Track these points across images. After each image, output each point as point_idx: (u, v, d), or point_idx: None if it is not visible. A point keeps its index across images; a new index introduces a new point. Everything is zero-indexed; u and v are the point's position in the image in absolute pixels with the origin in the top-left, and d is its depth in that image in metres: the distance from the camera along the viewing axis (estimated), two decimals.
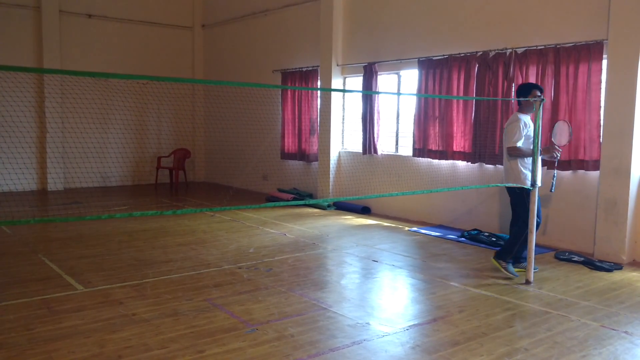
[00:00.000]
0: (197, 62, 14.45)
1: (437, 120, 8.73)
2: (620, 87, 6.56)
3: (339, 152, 10.65)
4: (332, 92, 10.57)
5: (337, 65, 10.42)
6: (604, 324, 4.59)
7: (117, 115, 12.80)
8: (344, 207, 10.22)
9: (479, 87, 8.10)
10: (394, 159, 9.61)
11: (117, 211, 9.55)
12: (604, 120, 6.75)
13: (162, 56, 13.84)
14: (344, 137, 10.73)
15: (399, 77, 9.64)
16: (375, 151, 9.78)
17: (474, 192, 8.33)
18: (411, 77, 9.43)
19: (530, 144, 5.83)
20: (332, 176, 10.56)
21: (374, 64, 9.65)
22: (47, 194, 11.74)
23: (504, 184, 6.01)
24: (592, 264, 6.43)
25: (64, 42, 12.42)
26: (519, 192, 5.88)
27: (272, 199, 11.10)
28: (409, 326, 4.48)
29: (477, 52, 8.12)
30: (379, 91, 9.79)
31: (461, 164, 8.56)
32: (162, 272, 5.92)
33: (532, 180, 5.73)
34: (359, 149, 10.21)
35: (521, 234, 5.87)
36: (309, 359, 3.83)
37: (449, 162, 8.67)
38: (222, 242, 7.49)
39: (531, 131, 5.87)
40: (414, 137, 9.09)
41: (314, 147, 11.04)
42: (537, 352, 3.98)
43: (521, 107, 5.96)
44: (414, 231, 8.36)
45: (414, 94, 9.16)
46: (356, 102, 10.34)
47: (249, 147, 12.43)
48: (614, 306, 5.04)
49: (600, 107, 6.84)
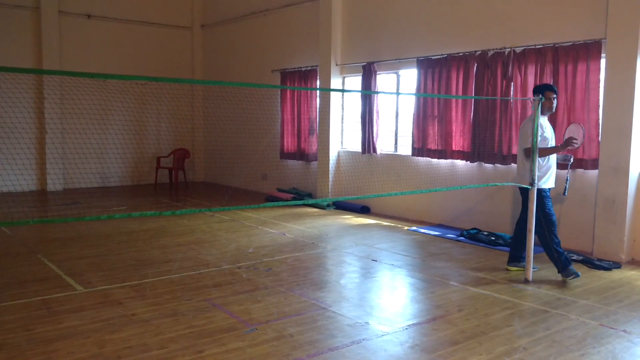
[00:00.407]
0: (196, 62, 14.45)
1: (436, 119, 8.73)
2: (618, 86, 6.57)
3: (338, 152, 10.66)
4: (331, 92, 10.57)
5: (336, 64, 10.43)
6: (603, 322, 4.60)
7: (116, 115, 12.81)
8: (343, 206, 10.23)
9: (478, 87, 8.11)
10: (393, 159, 9.62)
11: (117, 211, 9.55)
12: (602, 119, 6.76)
13: (162, 56, 13.84)
14: (343, 137, 10.74)
15: (398, 76, 9.64)
16: (374, 151, 9.79)
17: (473, 191, 8.34)
18: (410, 76, 9.44)
19: (546, 145, 5.81)
20: (331, 176, 10.57)
21: (373, 63, 9.66)
22: (46, 195, 11.75)
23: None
24: (591, 262, 6.45)
25: (63, 42, 12.43)
26: (540, 194, 5.82)
27: (271, 198, 11.11)
28: (408, 325, 4.49)
29: (476, 52, 8.13)
30: (378, 91, 9.80)
31: (460, 163, 8.56)
32: (161, 272, 5.93)
33: (530, 179, 5.74)
34: (358, 148, 10.21)
35: (545, 237, 5.80)
36: (308, 358, 3.84)
37: (448, 161, 8.68)
38: (221, 242, 7.49)
39: (548, 133, 5.85)
40: (413, 136, 9.10)
41: (313, 146, 11.05)
42: (536, 351, 3.99)
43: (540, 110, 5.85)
44: (413, 230, 8.37)
45: (413, 94, 9.17)
46: (355, 101, 10.34)
47: (249, 147, 12.44)
48: (612, 305, 5.05)
49: (598, 106, 6.85)
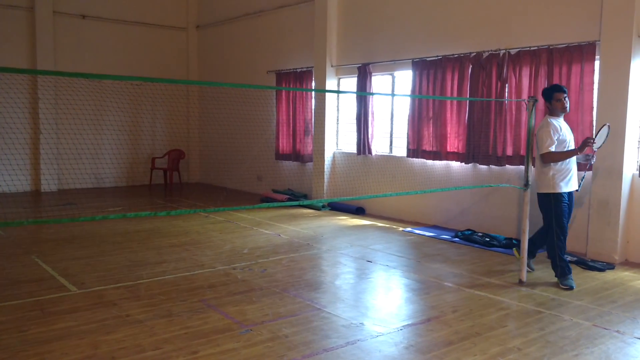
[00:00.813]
0: (191, 63, 14.43)
1: (431, 120, 8.75)
2: (612, 88, 6.61)
3: (334, 153, 10.66)
4: (327, 93, 10.58)
5: (332, 66, 10.44)
6: (596, 323, 4.62)
7: (111, 116, 12.78)
8: (338, 207, 10.23)
9: (473, 88, 8.13)
10: (388, 160, 9.63)
11: (111, 212, 9.52)
12: (596, 120, 6.78)
13: (157, 57, 13.81)
14: (339, 138, 10.75)
15: (393, 78, 9.66)
16: (369, 152, 9.80)
17: (468, 193, 8.36)
18: (405, 78, 9.46)
19: (564, 148, 5.66)
20: (326, 177, 10.57)
21: (368, 64, 9.67)
22: (40, 195, 11.70)
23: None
24: (584, 263, 6.47)
25: (57, 43, 12.38)
26: (547, 197, 5.72)
27: (266, 199, 11.10)
28: (403, 326, 4.50)
29: (470, 53, 8.15)
30: (373, 92, 9.82)
31: (455, 165, 8.58)
32: (156, 273, 5.91)
33: (525, 180, 5.76)
34: (353, 149, 10.22)
35: (553, 243, 5.71)
36: (303, 359, 3.84)
37: (443, 162, 8.69)
38: (216, 243, 7.48)
39: (564, 134, 5.70)
40: (408, 137, 9.11)
41: (309, 147, 11.05)
42: (530, 352, 4.01)
43: (550, 111, 5.80)
44: (408, 231, 8.38)
45: (408, 95, 9.19)
46: (350, 102, 10.35)
47: (244, 147, 12.43)
48: (606, 305, 5.07)
49: (593, 107, 6.88)
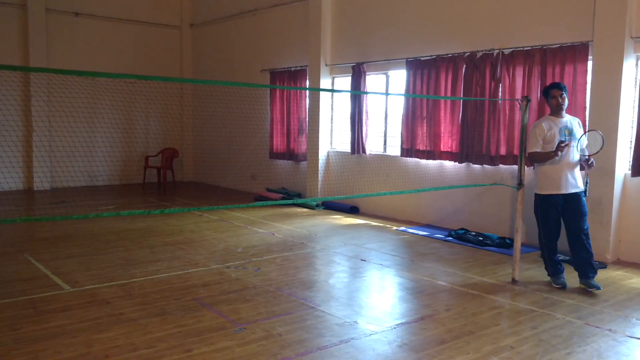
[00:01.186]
0: (185, 61, 14.39)
1: (425, 120, 8.77)
2: (605, 88, 6.65)
3: (328, 152, 10.67)
4: (321, 92, 10.58)
5: (326, 65, 10.44)
6: (589, 321, 4.65)
7: (104, 114, 12.73)
8: (332, 206, 10.24)
9: (467, 88, 8.16)
10: (382, 159, 9.64)
11: (105, 210, 9.49)
12: (589, 120, 6.82)
13: (150, 55, 13.77)
14: (333, 137, 10.75)
15: (387, 77, 9.67)
16: (363, 151, 9.81)
17: (461, 192, 8.39)
18: (399, 77, 9.47)
19: (551, 148, 5.54)
20: (320, 176, 10.58)
21: (363, 64, 9.68)
22: (33, 194, 11.64)
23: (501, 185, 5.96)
24: None
25: (50, 40, 12.31)
26: (535, 197, 5.71)
27: (260, 198, 11.09)
28: (397, 325, 4.51)
29: (464, 53, 8.18)
30: (368, 91, 9.83)
31: (448, 164, 8.61)
32: (149, 272, 5.90)
33: (519, 179, 5.79)
34: (347, 148, 10.23)
35: (541, 243, 5.69)
36: (296, 357, 3.85)
37: (437, 162, 8.71)
38: (210, 241, 7.47)
39: (554, 134, 5.56)
40: (401, 137, 9.13)
41: (303, 146, 11.05)
42: (523, 350, 4.03)
43: (551, 110, 5.76)
44: (402, 230, 8.40)
45: (402, 94, 9.20)
46: (345, 102, 10.36)
47: (238, 146, 12.41)
48: (598, 304, 5.10)
49: (585, 107, 6.91)
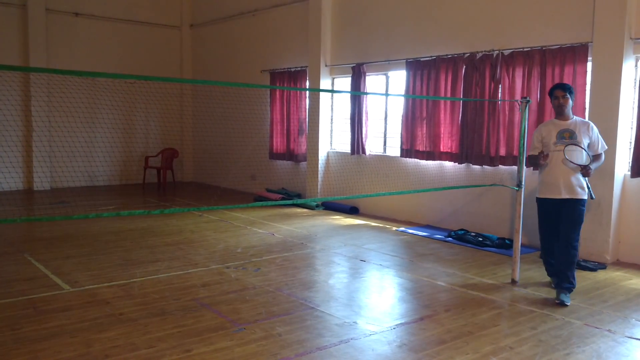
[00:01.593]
0: (185, 61, 14.40)
1: (425, 121, 8.78)
2: (604, 89, 6.65)
3: (328, 153, 10.67)
4: (321, 93, 10.59)
5: (326, 65, 10.45)
6: (588, 322, 4.65)
7: (104, 114, 12.73)
8: (332, 207, 10.24)
9: (466, 88, 8.17)
10: (382, 160, 9.65)
11: (105, 211, 9.49)
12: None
13: (150, 55, 13.77)
14: (333, 138, 10.76)
15: (387, 78, 9.68)
16: (363, 151, 9.82)
17: (461, 193, 8.39)
18: (399, 78, 9.48)
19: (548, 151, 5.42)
20: (320, 176, 10.58)
21: (362, 64, 9.69)
22: (33, 194, 11.64)
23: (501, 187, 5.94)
24: (576, 263, 6.50)
25: (50, 40, 12.32)
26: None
27: (260, 199, 11.09)
28: (396, 325, 4.52)
29: (464, 54, 8.19)
30: (367, 92, 9.83)
31: (448, 165, 8.61)
32: (149, 272, 5.91)
33: (518, 180, 5.80)
34: (347, 149, 10.23)
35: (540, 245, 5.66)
36: (296, 357, 3.85)
37: (436, 162, 8.72)
38: (209, 242, 7.48)
39: (550, 137, 5.39)
40: (401, 137, 9.13)
41: (303, 147, 11.05)
42: (522, 351, 4.03)
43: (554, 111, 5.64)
44: (402, 231, 8.41)
45: (401, 95, 9.21)
46: (344, 102, 10.37)
47: (238, 147, 12.41)
48: (597, 305, 5.11)
49: (585, 108, 6.92)
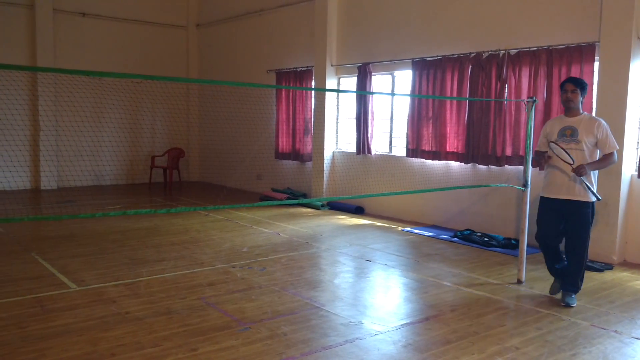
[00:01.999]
0: (191, 61, 14.43)
1: (431, 120, 8.76)
2: (611, 88, 6.62)
3: (333, 152, 10.67)
4: (327, 92, 10.59)
5: (332, 65, 10.45)
6: (594, 323, 4.63)
7: (111, 114, 12.78)
8: (337, 207, 10.24)
9: (473, 88, 8.14)
10: (388, 159, 9.64)
11: (111, 210, 9.53)
12: None
13: (157, 55, 13.81)
14: (338, 137, 10.75)
15: (393, 77, 9.67)
16: (369, 151, 9.81)
17: (467, 193, 8.37)
18: (405, 77, 9.47)
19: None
20: (325, 176, 10.58)
21: (368, 64, 9.68)
22: (40, 193, 11.70)
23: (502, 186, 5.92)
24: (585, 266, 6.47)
25: (57, 40, 12.38)
26: None
27: (265, 198, 11.11)
28: (401, 325, 4.51)
29: (470, 53, 8.16)
30: (373, 91, 9.83)
31: (454, 165, 8.59)
32: (155, 271, 5.92)
33: (524, 180, 5.78)
34: (352, 149, 10.23)
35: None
36: (301, 357, 3.85)
37: (442, 162, 8.70)
38: (215, 241, 7.49)
39: (553, 133, 5.18)
40: (407, 137, 9.12)
41: (308, 147, 11.06)
42: (528, 351, 4.02)
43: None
44: (407, 231, 8.39)
45: (407, 95, 9.20)
46: (350, 102, 10.36)
47: (243, 146, 12.43)
48: (604, 305, 5.09)
49: (592, 108, 6.88)
